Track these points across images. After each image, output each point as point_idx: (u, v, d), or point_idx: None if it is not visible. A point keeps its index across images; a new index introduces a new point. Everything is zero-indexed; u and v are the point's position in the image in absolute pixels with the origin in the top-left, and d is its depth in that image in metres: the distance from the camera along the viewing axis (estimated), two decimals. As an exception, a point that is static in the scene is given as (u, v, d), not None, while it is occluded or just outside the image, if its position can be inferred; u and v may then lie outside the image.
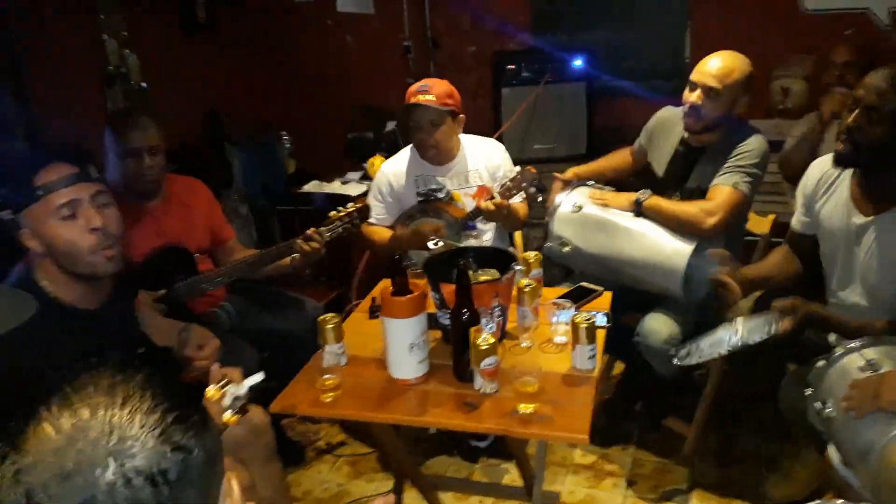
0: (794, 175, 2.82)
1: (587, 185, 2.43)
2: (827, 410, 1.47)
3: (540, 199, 2.34)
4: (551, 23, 3.57)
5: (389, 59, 3.85)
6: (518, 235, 2.71)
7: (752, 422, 2.54)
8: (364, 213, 2.32)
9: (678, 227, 2.19)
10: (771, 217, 2.43)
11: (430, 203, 2.49)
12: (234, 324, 2.40)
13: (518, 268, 1.84)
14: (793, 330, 1.77)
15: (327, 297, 2.94)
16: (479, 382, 1.65)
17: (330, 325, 1.78)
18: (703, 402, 2.36)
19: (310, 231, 2.22)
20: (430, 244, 2.20)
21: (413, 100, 2.35)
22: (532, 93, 3.23)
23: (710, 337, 1.79)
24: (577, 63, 3.24)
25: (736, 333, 1.74)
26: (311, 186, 3.47)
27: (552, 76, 3.20)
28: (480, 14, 3.67)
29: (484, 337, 1.61)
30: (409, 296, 1.66)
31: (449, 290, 1.76)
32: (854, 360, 1.49)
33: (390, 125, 3.78)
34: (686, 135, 2.31)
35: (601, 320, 1.87)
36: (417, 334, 1.68)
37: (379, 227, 2.55)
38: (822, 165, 2.00)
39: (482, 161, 2.51)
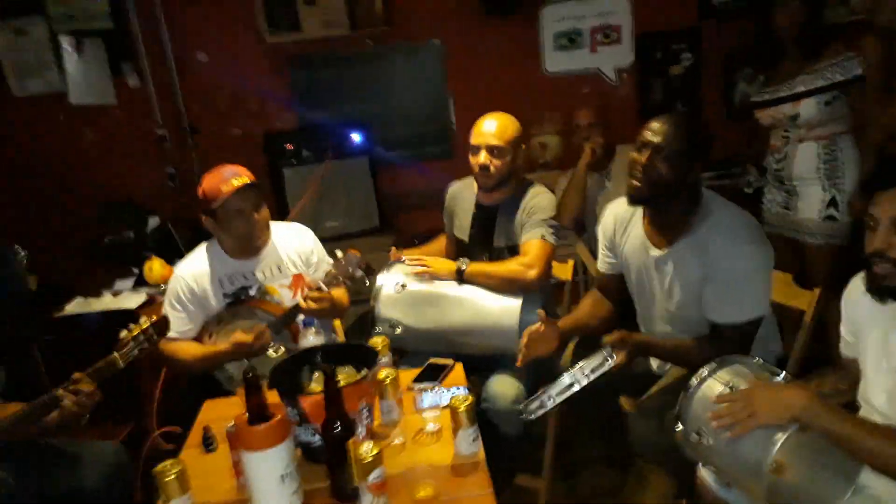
0: (570, 221, 3.11)
1: (401, 262, 2.39)
2: (703, 440, 1.55)
3: (368, 283, 2.22)
4: (316, 99, 3.52)
5: (141, 150, 3.49)
6: (337, 321, 2.54)
7: (592, 459, 2.63)
8: (162, 326, 2.01)
9: (503, 285, 2.24)
10: (570, 262, 2.60)
11: (241, 303, 2.22)
12: (12, 494, 1.89)
13: (384, 360, 1.69)
14: (626, 361, 1.88)
15: (121, 433, 2.45)
16: (368, 500, 1.45)
17: (171, 476, 1.46)
18: (548, 450, 2.41)
19: (76, 375, 1.80)
20: (271, 351, 1.94)
21: (230, 187, 2.09)
22: (315, 171, 3.13)
23: (556, 385, 1.81)
24: (357, 137, 3.22)
25: (581, 372, 1.79)
26: (76, 306, 2.92)
27: (334, 153, 3.13)
28: (239, 95, 3.49)
29: (365, 448, 1.44)
30: (272, 420, 1.42)
31: (310, 401, 1.56)
32: (712, 386, 1.59)
33: (153, 221, 3.40)
34: (478, 200, 2.43)
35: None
36: (287, 462, 1.45)
37: (183, 341, 2.21)
38: (615, 209, 2.18)
39: (293, 247, 2.31)
